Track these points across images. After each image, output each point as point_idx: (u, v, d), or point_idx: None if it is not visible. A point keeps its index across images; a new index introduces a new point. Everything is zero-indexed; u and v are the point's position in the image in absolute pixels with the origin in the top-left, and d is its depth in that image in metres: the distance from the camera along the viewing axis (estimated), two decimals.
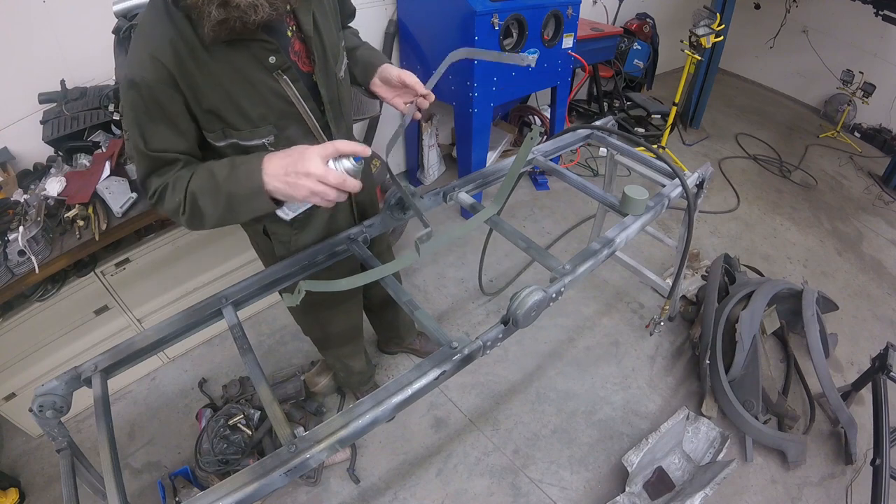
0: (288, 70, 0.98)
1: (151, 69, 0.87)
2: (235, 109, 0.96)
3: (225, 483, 0.81)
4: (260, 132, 1.00)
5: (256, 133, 1.00)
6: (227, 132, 0.99)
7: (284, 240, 1.28)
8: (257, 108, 0.98)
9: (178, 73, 0.89)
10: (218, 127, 0.98)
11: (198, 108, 0.95)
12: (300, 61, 1.02)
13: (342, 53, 1.12)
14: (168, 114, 0.92)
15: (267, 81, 0.97)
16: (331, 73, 1.07)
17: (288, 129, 1.04)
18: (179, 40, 0.88)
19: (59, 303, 1.79)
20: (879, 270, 2.96)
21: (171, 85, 0.89)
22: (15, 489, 1.80)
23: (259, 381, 0.99)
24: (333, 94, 1.10)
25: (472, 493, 1.83)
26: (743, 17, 4.47)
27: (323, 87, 1.06)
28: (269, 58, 0.94)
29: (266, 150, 1.01)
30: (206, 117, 0.97)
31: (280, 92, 0.99)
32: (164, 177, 0.96)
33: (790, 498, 1.84)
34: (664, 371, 2.26)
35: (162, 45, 0.87)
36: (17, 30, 1.74)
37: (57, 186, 1.70)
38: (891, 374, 1.80)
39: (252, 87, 0.96)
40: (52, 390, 0.96)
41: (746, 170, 3.81)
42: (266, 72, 0.96)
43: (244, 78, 0.94)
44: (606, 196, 1.45)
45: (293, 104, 1.02)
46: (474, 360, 1.02)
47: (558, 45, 2.70)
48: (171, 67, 0.88)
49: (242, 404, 1.87)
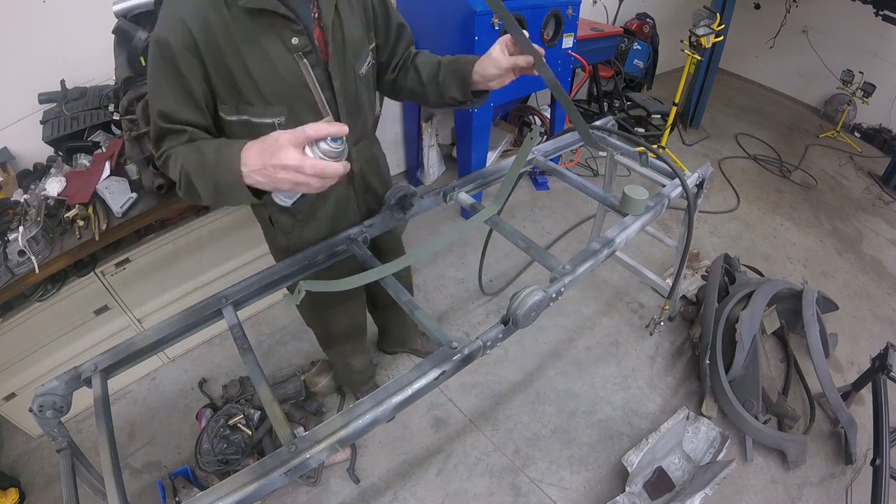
0: (309, 54, 0.99)
1: (179, 34, 0.89)
2: (252, 84, 0.97)
3: (225, 483, 0.81)
4: (272, 111, 1.01)
5: (268, 111, 1.00)
6: (241, 107, 1.00)
7: (287, 230, 1.28)
8: (273, 86, 0.98)
9: (203, 40, 0.90)
10: (232, 100, 0.99)
11: (217, 78, 0.95)
12: (321, 48, 1.03)
13: (367, 52, 1.12)
14: (184, 80, 0.93)
15: (287, 61, 0.98)
16: (348, 68, 1.07)
17: (301, 114, 1.03)
18: (210, 8, 0.89)
19: (59, 303, 1.79)
20: (879, 270, 2.96)
21: (193, 53, 0.90)
22: (15, 489, 1.80)
23: (259, 381, 0.99)
24: (350, 88, 1.09)
25: (472, 493, 1.83)
26: (743, 17, 4.46)
27: (336, 79, 1.06)
28: (293, 38, 0.96)
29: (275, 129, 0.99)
30: (224, 88, 0.97)
31: (298, 74, 1.00)
32: (173, 142, 0.96)
33: (790, 498, 1.84)
34: (664, 371, 2.26)
35: (193, 11, 0.89)
36: (17, 30, 1.74)
37: (57, 186, 1.71)
38: (891, 374, 1.80)
39: (271, 65, 0.96)
40: (52, 390, 0.96)
41: (746, 170, 3.81)
42: (287, 52, 0.97)
43: (266, 54, 0.95)
44: (606, 196, 1.45)
45: (309, 89, 1.03)
46: (474, 360, 1.02)
47: (558, 45, 2.70)
48: (196, 35, 0.89)
49: (242, 404, 1.87)
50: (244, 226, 2.18)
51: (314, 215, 1.26)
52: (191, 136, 0.97)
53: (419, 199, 1.36)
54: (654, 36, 4.06)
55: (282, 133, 0.80)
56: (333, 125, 0.80)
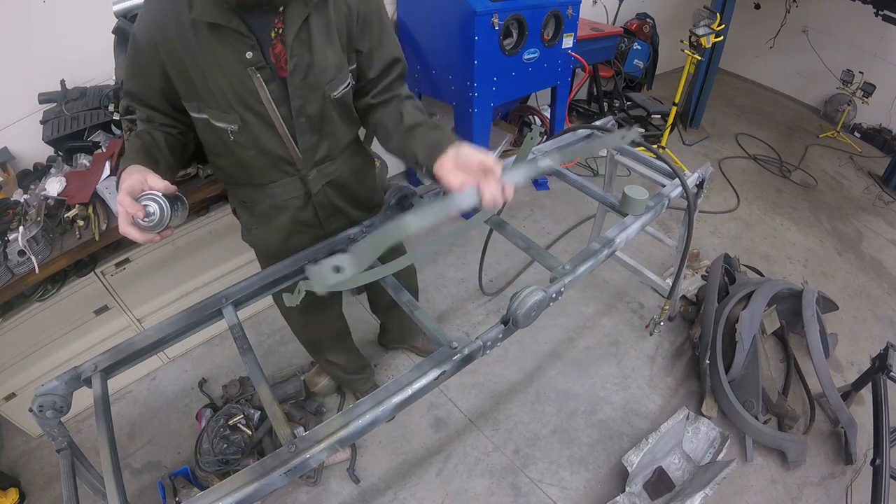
0: (262, 69, 0.99)
1: (144, 32, 0.98)
2: (208, 91, 1.00)
3: (225, 483, 0.81)
4: (226, 118, 1.04)
5: (223, 118, 1.04)
6: (202, 108, 1.04)
7: (247, 227, 1.31)
8: (226, 96, 1.01)
9: (163, 45, 0.96)
10: (194, 101, 1.03)
11: (177, 79, 1.01)
12: (279, 64, 1.01)
13: (343, 75, 1.09)
14: (147, 73, 1.02)
15: (240, 75, 0.99)
16: (314, 87, 1.06)
17: (252, 125, 1.06)
18: (171, 17, 0.94)
19: (59, 303, 1.79)
20: (879, 270, 2.96)
21: (153, 51, 0.98)
22: (15, 489, 1.80)
23: (259, 381, 0.99)
24: (312, 108, 1.08)
25: (472, 493, 1.83)
26: (743, 17, 4.46)
27: (296, 98, 1.05)
28: (247, 52, 0.96)
29: (229, 137, 1.06)
30: (184, 88, 1.02)
31: (251, 87, 1.01)
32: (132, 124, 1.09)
33: (790, 498, 1.84)
34: (664, 371, 2.26)
35: (156, 18, 0.96)
36: (17, 30, 1.74)
37: (57, 186, 1.70)
38: (891, 374, 1.80)
39: (225, 76, 0.99)
40: (52, 390, 0.96)
41: (746, 170, 3.81)
42: (241, 65, 0.98)
43: (220, 65, 0.97)
44: (606, 196, 1.45)
45: (262, 103, 1.03)
46: (474, 360, 1.02)
47: (558, 45, 2.70)
48: (157, 38, 0.96)
49: (242, 404, 1.87)
50: None
51: (269, 221, 1.28)
52: (148, 118, 1.07)
53: (419, 199, 1.36)
54: (654, 36, 4.06)
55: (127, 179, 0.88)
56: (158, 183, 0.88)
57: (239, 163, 1.13)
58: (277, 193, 1.21)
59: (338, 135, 1.19)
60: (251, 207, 1.27)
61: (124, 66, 1.06)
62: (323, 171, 1.22)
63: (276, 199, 1.22)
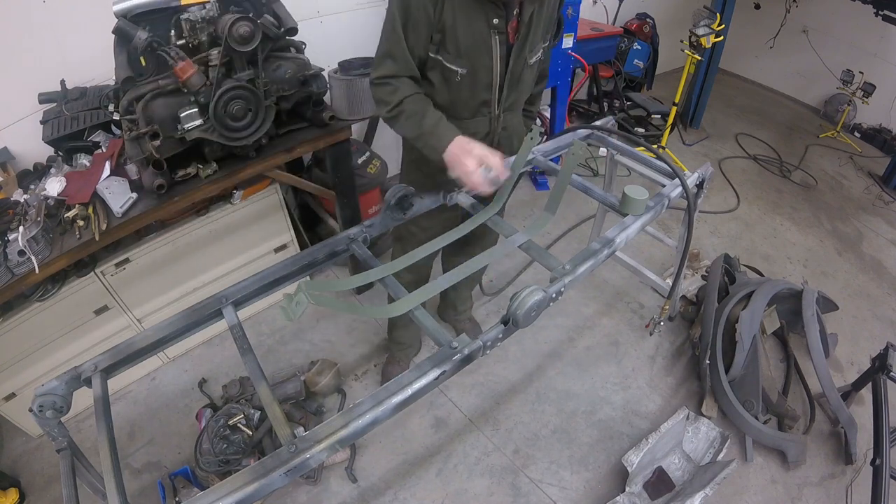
0: (501, 34, 1.29)
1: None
2: (453, 38, 1.27)
3: (225, 483, 0.81)
4: (460, 62, 1.31)
5: (457, 62, 1.31)
6: (441, 50, 1.30)
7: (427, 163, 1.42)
8: (467, 46, 1.28)
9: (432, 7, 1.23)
10: (437, 42, 1.29)
11: (435, 22, 1.25)
12: (510, 33, 1.32)
13: (539, 49, 1.41)
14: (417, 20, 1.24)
15: (484, 33, 1.28)
16: (523, 55, 1.36)
17: (478, 73, 1.34)
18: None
19: (59, 303, 1.79)
20: (879, 270, 2.96)
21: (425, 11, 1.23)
22: (15, 489, 1.80)
23: (259, 381, 0.99)
24: (517, 68, 1.38)
25: (472, 493, 1.83)
26: (743, 17, 4.46)
27: (512, 59, 1.35)
28: (495, 19, 1.26)
29: (456, 77, 1.33)
30: (436, 32, 1.27)
31: (488, 44, 1.30)
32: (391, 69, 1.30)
33: (790, 498, 1.84)
34: (664, 371, 2.26)
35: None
36: (17, 30, 1.74)
37: (57, 186, 1.70)
38: (891, 374, 1.80)
39: (472, 31, 1.27)
40: (52, 390, 0.96)
41: (746, 170, 3.81)
42: (487, 27, 1.27)
43: (471, 22, 1.26)
44: (606, 196, 1.45)
45: (491, 58, 1.32)
46: (474, 360, 1.02)
47: (558, 45, 2.70)
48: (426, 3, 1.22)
49: (242, 404, 1.87)
50: (244, 226, 2.18)
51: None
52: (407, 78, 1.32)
53: (419, 198, 1.36)
54: (654, 36, 4.06)
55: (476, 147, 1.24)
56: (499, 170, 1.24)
57: (453, 98, 1.40)
58: (470, 127, 1.46)
59: (523, 91, 1.51)
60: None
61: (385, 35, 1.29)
62: (505, 117, 1.51)
63: (467, 131, 1.39)
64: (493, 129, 1.50)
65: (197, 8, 1.61)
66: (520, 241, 1.25)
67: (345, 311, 1.18)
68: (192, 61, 1.59)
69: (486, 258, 1.26)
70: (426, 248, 1.29)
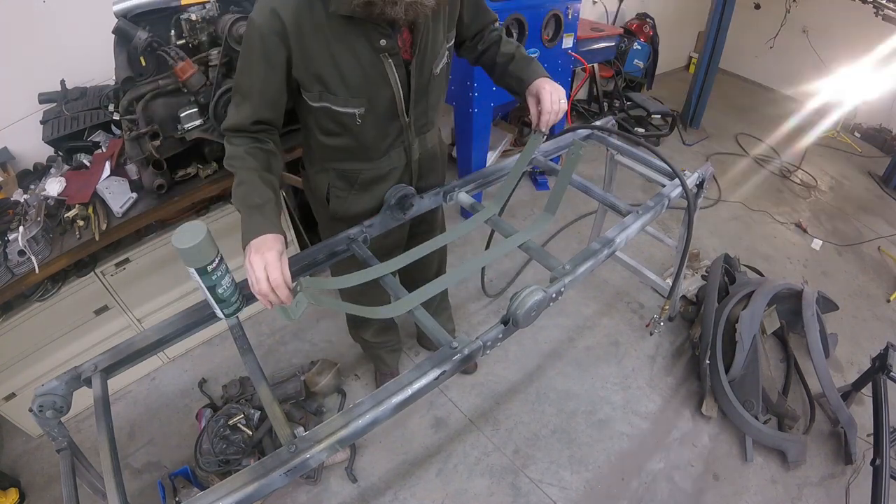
0: (395, 55, 1.09)
1: (269, 19, 0.98)
2: (338, 77, 1.07)
3: (225, 483, 0.81)
4: (353, 102, 1.11)
5: (350, 102, 1.11)
6: (324, 95, 1.09)
7: (341, 196, 1.33)
8: (357, 81, 1.08)
9: (292, 30, 0.99)
10: (317, 89, 1.08)
11: (301, 67, 1.05)
12: (403, 49, 1.11)
13: (443, 52, 1.20)
14: (269, 60, 1.02)
15: (373, 60, 1.07)
16: (426, 66, 1.16)
17: (378, 107, 1.15)
18: (305, 4, 0.98)
19: (59, 303, 1.79)
20: (879, 270, 2.96)
21: (281, 37, 1.00)
22: (15, 489, 1.80)
23: (259, 381, 1.00)
24: (422, 84, 1.18)
25: (472, 493, 1.83)
26: (743, 17, 4.45)
27: (414, 77, 1.15)
28: (381, 41, 1.05)
29: (355, 121, 1.14)
30: (308, 77, 1.07)
31: (382, 72, 1.09)
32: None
33: (790, 498, 1.84)
34: (664, 371, 2.26)
35: (286, 4, 0.98)
36: (17, 30, 1.74)
37: (57, 186, 1.71)
38: (891, 374, 1.80)
39: (357, 62, 1.06)
40: (52, 390, 0.96)
41: (747, 170, 3.81)
42: (374, 52, 1.06)
43: (353, 52, 1.05)
44: (606, 196, 1.45)
45: (390, 85, 1.12)
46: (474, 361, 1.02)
47: (558, 45, 2.70)
48: (287, 23, 0.98)
49: (242, 404, 1.87)
50: None
51: (369, 190, 1.32)
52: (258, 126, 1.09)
53: (419, 198, 1.36)
54: (654, 36, 4.06)
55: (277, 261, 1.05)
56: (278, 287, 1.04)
57: (356, 142, 1.21)
58: (383, 164, 1.29)
59: (434, 105, 1.30)
60: (352, 178, 1.30)
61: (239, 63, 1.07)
62: (422, 140, 1.33)
63: (380, 169, 1.29)
64: (410, 159, 1.32)
65: (197, 8, 1.61)
66: (520, 241, 1.25)
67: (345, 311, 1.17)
68: (192, 61, 1.59)
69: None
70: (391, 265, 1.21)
